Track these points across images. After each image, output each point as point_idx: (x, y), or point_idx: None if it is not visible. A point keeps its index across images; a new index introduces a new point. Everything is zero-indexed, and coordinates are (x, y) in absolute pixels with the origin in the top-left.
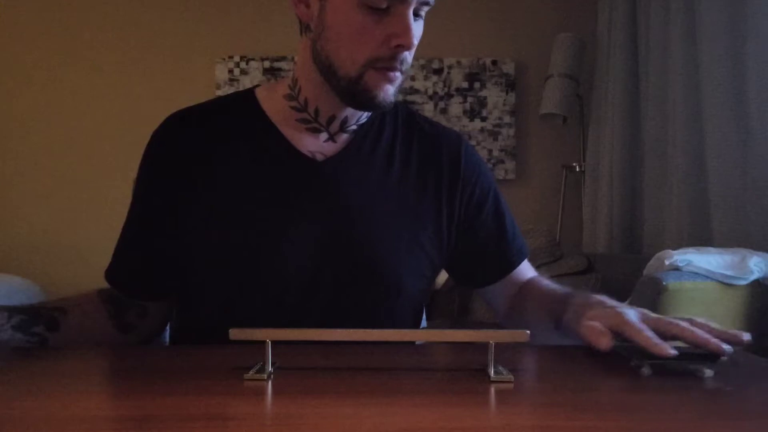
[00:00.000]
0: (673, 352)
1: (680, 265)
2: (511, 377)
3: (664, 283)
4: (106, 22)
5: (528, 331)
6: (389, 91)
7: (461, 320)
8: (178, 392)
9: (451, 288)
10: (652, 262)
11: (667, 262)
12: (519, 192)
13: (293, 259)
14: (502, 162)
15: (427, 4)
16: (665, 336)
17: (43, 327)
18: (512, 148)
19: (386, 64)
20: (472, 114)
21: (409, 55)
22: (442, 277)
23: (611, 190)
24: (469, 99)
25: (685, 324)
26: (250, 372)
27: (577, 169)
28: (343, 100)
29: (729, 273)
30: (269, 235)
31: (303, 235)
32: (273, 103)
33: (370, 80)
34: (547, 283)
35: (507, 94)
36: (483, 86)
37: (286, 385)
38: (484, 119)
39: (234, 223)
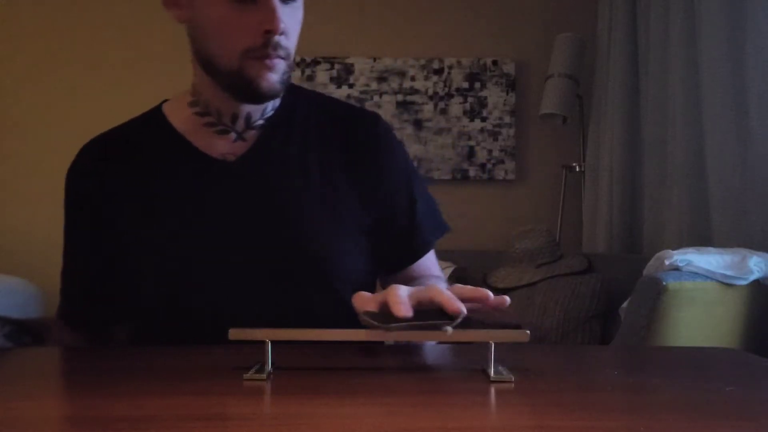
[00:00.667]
0: (407, 314)
1: (680, 265)
2: (511, 377)
3: (664, 283)
4: (106, 22)
5: (528, 331)
6: (272, 79)
7: (461, 320)
8: (178, 392)
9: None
10: (652, 262)
11: (667, 262)
12: (519, 192)
13: (223, 260)
14: (502, 162)
15: None
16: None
17: (31, 338)
18: (512, 148)
19: (260, 52)
20: (472, 114)
21: (285, 40)
22: None
23: (611, 190)
24: (470, 99)
25: (440, 291)
26: (250, 372)
27: (577, 169)
28: (231, 95)
29: (729, 273)
30: (194, 242)
31: (226, 235)
32: (179, 114)
33: (250, 70)
34: (431, 282)
35: (507, 94)
36: (483, 86)
37: (285, 385)
38: (484, 119)
39: (159, 237)
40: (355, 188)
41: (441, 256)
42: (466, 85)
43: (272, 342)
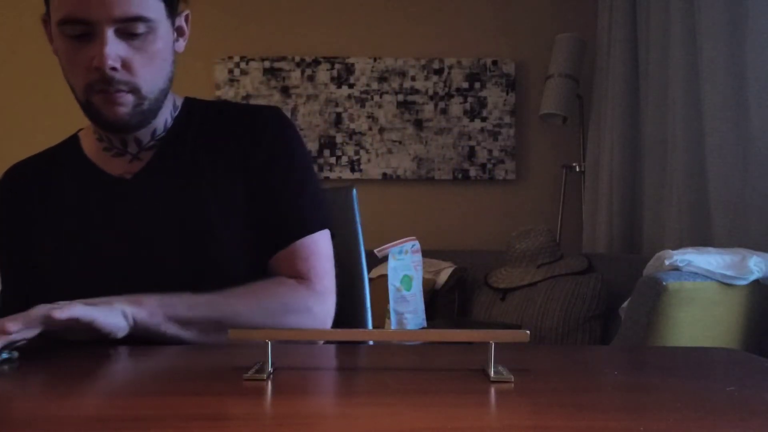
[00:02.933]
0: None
1: (680, 265)
2: (511, 377)
3: (664, 283)
4: None
5: (528, 332)
6: (120, 111)
7: (461, 320)
8: (178, 392)
9: (451, 288)
10: (652, 262)
11: (667, 262)
12: (519, 192)
13: (123, 271)
14: (502, 162)
15: (131, 20)
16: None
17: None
18: (512, 148)
19: (100, 86)
20: (472, 114)
21: (125, 75)
22: (442, 277)
23: (611, 190)
24: (470, 99)
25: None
26: (250, 372)
27: (577, 169)
28: (93, 124)
29: (729, 273)
30: (96, 255)
31: (125, 246)
32: (87, 140)
33: (98, 103)
34: (258, 284)
35: (507, 94)
36: (483, 86)
37: (285, 385)
38: (484, 119)
39: (66, 252)
40: (242, 182)
41: (441, 256)
42: (466, 85)
43: (272, 342)
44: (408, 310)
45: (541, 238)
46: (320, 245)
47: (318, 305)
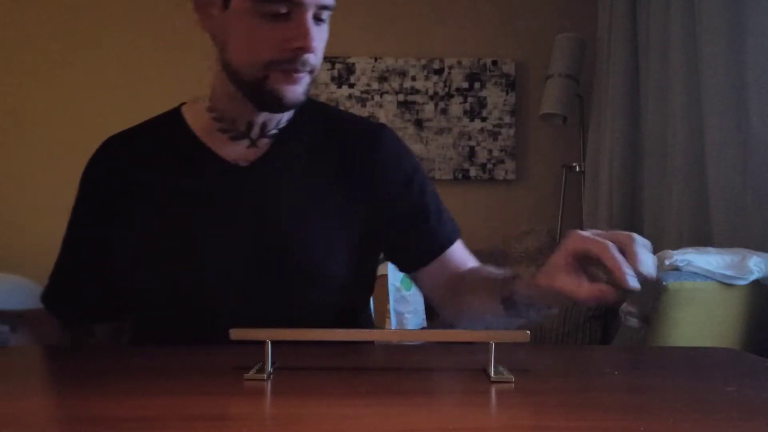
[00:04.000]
0: (636, 286)
1: (680, 265)
2: (511, 377)
3: (664, 283)
4: (106, 23)
5: (528, 332)
6: (296, 92)
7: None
8: (178, 392)
9: None
10: None
11: (667, 262)
12: (519, 192)
13: (224, 261)
14: (502, 162)
15: (326, 8)
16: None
17: (8, 327)
18: (512, 148)
19: (288, 66)
20: (472, 114)
21: (313, 58)
22: None
23: (611, 190)
24: (470, 99)
25: (612, 249)
26: (250, 372)
27: (577, 169)
28: (254, 104)
29: (729, 273)
30: (198, 241)
31: (231, 237)
32: (197, 117)
33: (275, 81)
34: (489, 269)
35: (507, 94)
36: (483, 86)
37: (286, 385)
38: (484, 119)
39: (165, 234)
40: (353, 199)
41: None
42: (466, 85)
43: (272, 342)
44: (408, 310)
45: (541, 239)
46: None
47: None
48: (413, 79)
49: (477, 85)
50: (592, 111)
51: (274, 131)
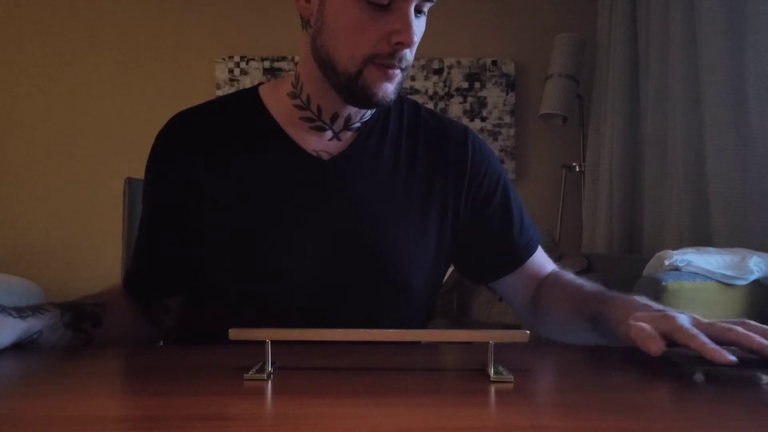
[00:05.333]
0: (732, 358)
1: (680, 265)
2: (511, 377)
3: (663, 283)
4: (106, 22)
5: (528, 332)
6: (389, 89)
7: (461, 320)
8: (178, 392)
9: (451, 288)
10: (652, 262)
11: (667, 262)
12: (519, 192)
13: (300, 258)
14: (502, 162)
15: (429, 0)
16: (720, 341)
17: (89, 324)
18: (512, 148)
19: (385, 61)
20: (472, 114)
21: (409, 53)
22: None
23: (611, 190)
24: (469, 99)
25: (740, 328)
26: (250, 372)
27: (577, 169)
28: (342, 97)
29: (729, 273)
30: (276, 234)
31: (310, 234)
32: (276, 101)
33: (370, 77)
34: (571, 277)
35: (507, 94)
36: (483, 86)
37: (286, 385)
38: (484, 119)
39: (240, 222)
40: (440, 200)
41: None
42: (466, 85)
43: (272, 342)
44: None
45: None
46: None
47: None
48: (413, 79)
49: (477, 85)
50: (592, 111)
51: (358, 125)
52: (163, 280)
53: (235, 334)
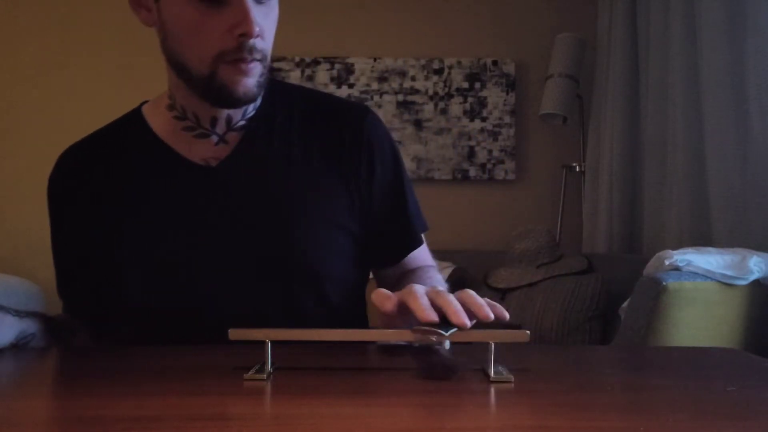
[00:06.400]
0: (434, 318)
1: (680, 265)
2: (511, 377)
3: (664, 283)
4: (106, 22)
5: (528, 332)
6: (248, 84)
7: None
8: (178, 392)
9: (451, 288)
10: (652, 262)
11: (667, 262)
12: (519, 192)
13: (210, 264)
14: (502, 162)
15: None
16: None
17: (70, 333)
18: (512, 148)
19: (235, 56)
20: (472, 114)
21: (261, 43)
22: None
23: (611, 190)
24: (470, 99)
25: (450, 297)
26: (250, 372)
27: (577, 169)
28: (204, 99)
29: (729, 273)
30: (180, 247)
31: (213, 239)
32: (158, 117)
33: (224, 76)
34: (425, 273)
35: (507, 94)
36: (483, 86)
37: (285, 385)
38: (484, 119)
39: (140, 243)
40: (341, 184)
41: (441, 257)
42: (466, 85)
43: (272, 342)
44: None
45: (541, 239)
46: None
47: None
48: (413, 79)
49: (477, 85)
50: (592, 111)
51: (242, 123)
52: (90, 307)
53: (235, 334)
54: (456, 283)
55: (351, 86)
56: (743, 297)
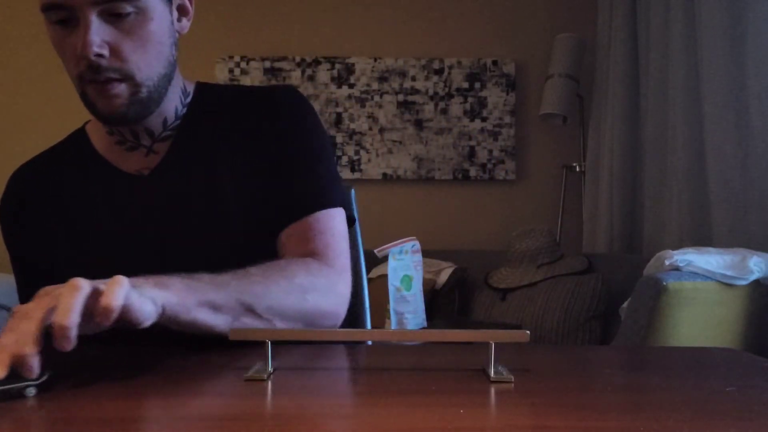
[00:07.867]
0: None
1: (680, 265)
2: (511, 377)
3: (664, 283)
4: None
5: (528, 332)
6: (114, 103)
7: (461, 320)
8: (178, 392)
9: (451, 288)
10: (652, 262)
11: (667, 262)
12: (519, 192)
13: (143, 273)
14: (502, 162)
15: (111, 0)
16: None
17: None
18: (512, 148)
19: (90, 77)
20: (472, 114)
21: (114, 61)
22: (443, 277)
23: (611, 190)
24: (470, 99)
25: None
26: (250, 372)
27: (577, 169)
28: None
29: (729, 273)
30: (119, 257)
31: (147, 248)
32: (97, 133)
33: (92, 96)
34: (281, 263)
35: (507, 94)
36: (483, 86)
37: (286, 385)
38: (484, 119)
39: (86, 255)
40: (257, 160)
41: (441, 257)
42: (466, 85)
43: (272, 342)
44: (408, 310)
45: (542, 239)
46: (336, 222)
47: (341, 284)
48: (413, 79)
49: (477, 85)
50: (592, 111)
51: (167, 132)
52: None
53: (235, 334)
54: (456, 283)
55: (351, 86)
56: (743, 297)
